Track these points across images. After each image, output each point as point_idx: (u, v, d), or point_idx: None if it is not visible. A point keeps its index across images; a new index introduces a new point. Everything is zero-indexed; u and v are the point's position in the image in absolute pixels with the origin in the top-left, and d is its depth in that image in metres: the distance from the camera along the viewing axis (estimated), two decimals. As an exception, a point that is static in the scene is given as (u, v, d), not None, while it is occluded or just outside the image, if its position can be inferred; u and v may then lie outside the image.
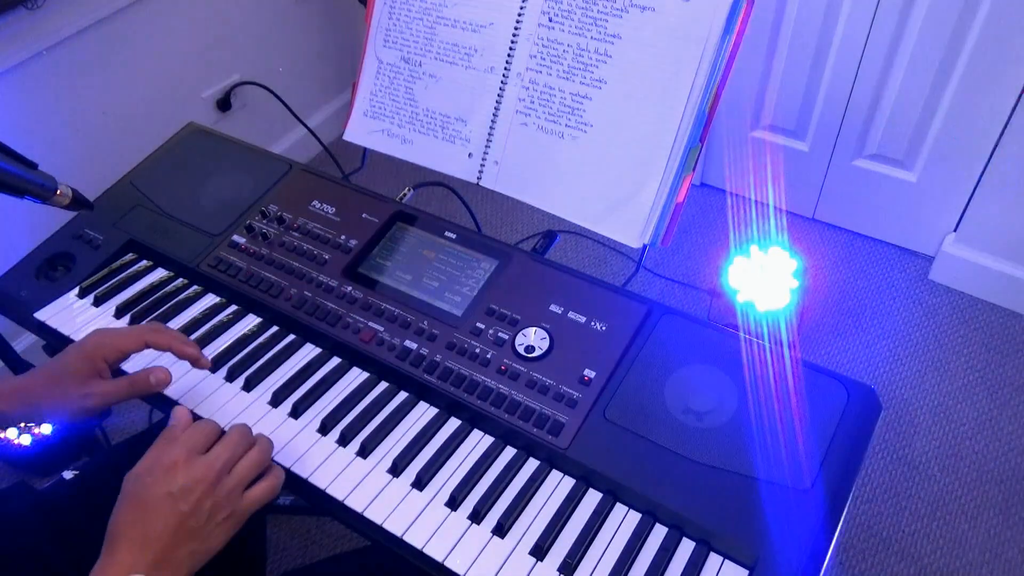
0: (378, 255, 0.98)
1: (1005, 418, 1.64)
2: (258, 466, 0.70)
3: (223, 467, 0.67)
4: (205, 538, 0.65)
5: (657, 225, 0.96)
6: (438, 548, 0.73)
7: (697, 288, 1.94)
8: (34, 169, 0.85)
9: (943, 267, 1.91)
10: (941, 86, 1.70)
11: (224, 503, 0.66)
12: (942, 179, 1.83)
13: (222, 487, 0.66)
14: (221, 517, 0.66)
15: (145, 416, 1.68)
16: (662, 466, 0.76)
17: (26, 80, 1.55)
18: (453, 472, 0.79)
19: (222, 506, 0.66)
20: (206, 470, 0.66)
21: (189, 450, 0.67)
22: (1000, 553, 1.44)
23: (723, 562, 0.71)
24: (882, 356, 1.77)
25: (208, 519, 0.65)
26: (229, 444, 0.69)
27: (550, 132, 1.01)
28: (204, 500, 0.65)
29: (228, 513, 0.66)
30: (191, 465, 0.66)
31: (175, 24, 1.84)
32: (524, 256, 0.95)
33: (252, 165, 1.12)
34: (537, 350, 0.86)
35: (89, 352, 0.78)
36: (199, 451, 0.68)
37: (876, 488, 1.55)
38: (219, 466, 0.67)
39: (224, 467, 0.67)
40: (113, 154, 1.44)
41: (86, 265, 1.03)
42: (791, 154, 2.01)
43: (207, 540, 0.65)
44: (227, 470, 0.68)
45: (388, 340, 0.90)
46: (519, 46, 1.02)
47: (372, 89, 1.13)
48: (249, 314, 0.97)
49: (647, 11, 0.93)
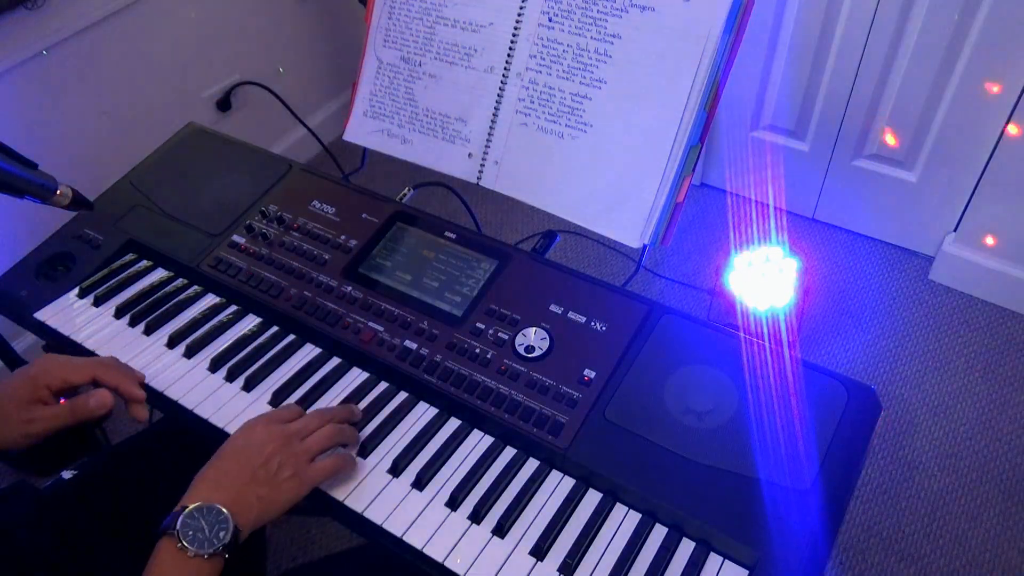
0: (378, 255, 0.98)
1: (1005, 418, 1.64)
2: (328, 440, 0.77)
3: (295, 434, 0.76)
4: (272, 488, 0.72)
5: (657, 225, 0.96)
6: (438, 548, 0.73)
7: (697, 288, 1.93)
8: (34, 169, 0.85)
9: (943, 267, 1.91)
10: (941, 86, 1.70)
11: (290, 462, 0.73)
12: (942, 179, 1.83)
13: (291, 448, 0.74)
14: (286, 475, 0.73)
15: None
16: (662, 466, 0.76)
17: (26, 80, 1.55)
18: (453, 472, 0.79)
19: (289, 464, 0.73)
20: (280, 432, 0.75)
21: (270, 419, 0.78)
22: (1000, 553, 1.44)
23: (723, 562, 0.71)
24: (882, 356, 1.77)
25: (276, 473, 0.72)
26: (306, 418, 0.78)
27: (550, 132, 1.01)
28: (274, 456, 0.73)
29: (292, 472, 0.73)
30: (269, 427, 0.76)
31: (175, 24, 1.84)
32: (524, 256, 0.95)
33: (252, 165, 1.12)
34: (537, 350, 0.86)
35: (33, 377, 0.79)
36: (281, 422, 0.77)
37: (876, 488, 1.55)
38: (291, 431, 0.76)
39: (296, 434, 0.76)
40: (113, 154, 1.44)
41: (86, 265, 1.03)
42: (791, 154, 2.01)
43: (274, 491, 0.72)
44: (299, 438, 0.76)
45: (388, 340, 0.90)
46: (519, 46, 1.02)
47: (372, 89, 1.13)
48: (249, 314, 0.97)
49: (647, 11, 0.93)
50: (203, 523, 0.67)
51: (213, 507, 0.68)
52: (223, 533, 0.67)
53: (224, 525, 0.67)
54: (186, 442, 0.93)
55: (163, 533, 0.67)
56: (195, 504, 0.68)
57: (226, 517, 0.68)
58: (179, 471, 0.75)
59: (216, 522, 0.67)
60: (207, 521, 0.67)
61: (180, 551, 0.66)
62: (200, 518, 0.67)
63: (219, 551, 0.66)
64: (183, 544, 0.66)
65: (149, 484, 0.91)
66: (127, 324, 0.96)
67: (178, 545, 0.66)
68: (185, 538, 0.66)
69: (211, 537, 0.67)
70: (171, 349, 0.93)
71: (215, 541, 0.67)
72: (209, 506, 0.68)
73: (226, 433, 0.84)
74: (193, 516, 0.67)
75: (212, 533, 0.67)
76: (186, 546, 0.66)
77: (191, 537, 0.66)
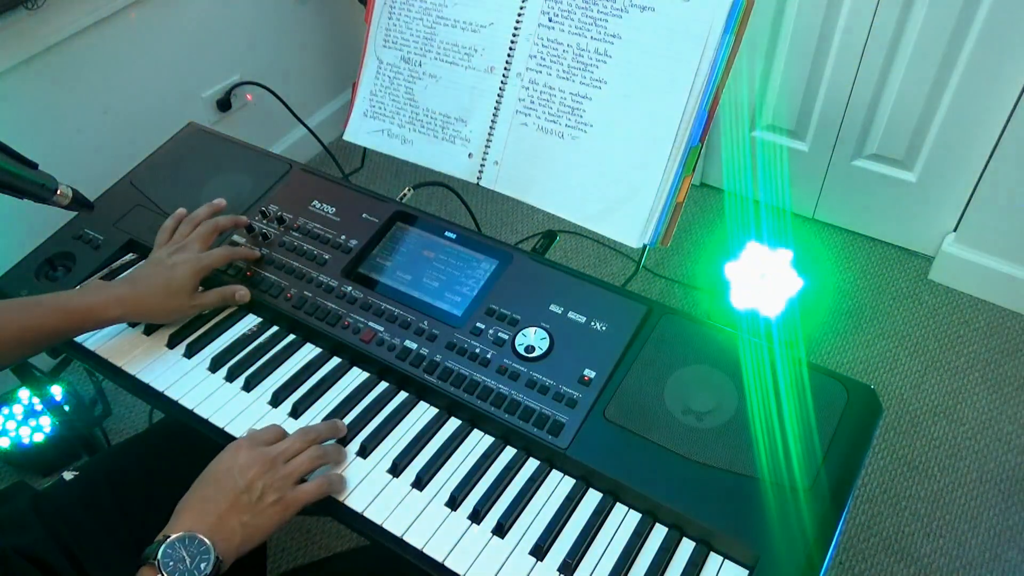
0: (378, 255, 0.98)
1: (1005, 418, 1.64)
2: (312, 462, 0.77)
3: (278, 457, 0.75)
4: (256, 515, 0.71)
5: (657, 225, 0.96)
6: (438, 548, 0.73)
7: (697, 288, 1.94)
8: (34, 169, 0.85)
9: (943, 267, 1.91)
10: (941, 86, 1.70)
11: (274, 487, 0.73)
12: (942, 179, 1.83)
13: (275, 472, 0.74)
14: (270, 500, 0.72)
15: (145, 416, 1.68)
16: (662, 466, 0.76)
17: (26, 80, 1.55)
18: (453, 472, 0.79)
19: (272, 489, 0.73)
20: (263, 456, 0.74)
21: (253, 442, 0.77)
22: (1000, 553, 1.44)
23: (723, 562, 0.71)
24: (882, 356, 1.77)
25: (259, 499, 0.72)
26: (289, 440, 0.78)
27: (550, 132, 1.01)
28: (257, 481, 0.72)
29: (277, 498, 0.73)
30: (252, 451, 0.75)
31: (175, 24, 1.84)
32: (524, 256, 0.95)
33: (252, 165, 1.12)
34: (537, 350, 0.86)
35: (196, 272, 0.92)
36: (263, 444, 0.77)
37: (876, 488, 1.55)
38: (274, 454, 0.75)
39: (279, 457, 0.75)
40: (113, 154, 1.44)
41: (86, 265, 1.03)
42: (791, 154, 2.01)
43: (257, 517, 0.71)
44: (283, 460, 0.75)
45: (388, 340, 0.90)
46: (519, 46, 1.02)
47: (372, 89, 1.13)
48: (249, 314, 0.97)
49: (647, 11, 0.93)
50: (184, 554, 0.66)
51: (195, 537, 0.67)
52: (204, 564, 0.66)
53: (206, 556, 0.66)
54: (186, 442, 0.93)
55: (144, 562, 0.66)
56: (177, 534, 0.67)
57: (208, 547, 0.67)
58: (179, 471, 0.75)
59: (197, 552, 0.66)
60: (188, 552, 0.66)
61: None
62: (181, 548, 0.66)
63: None
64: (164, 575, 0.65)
65: (149, 484, 0.91)
66: (127, 324, 0.96)
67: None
68: (166, 569, 0.65)
69: (192, 568, 0.66)
70: (171, 349, 0.93)
71: (195, 573, 0.65)
72: (191, 536, 0.67)
73: (226, 433, 0.84)
74: (174, 546, 0.66)
75: (193, 564, 0.66)
76: None
77: (171, 568, 0.65)
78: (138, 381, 0.90)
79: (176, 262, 0.91)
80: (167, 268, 0.91)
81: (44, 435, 1.54)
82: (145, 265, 0.94)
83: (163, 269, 0.91)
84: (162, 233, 0.98)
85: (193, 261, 0.92)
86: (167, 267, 0.91)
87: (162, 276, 0.90)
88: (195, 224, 0.98)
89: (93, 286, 0.91)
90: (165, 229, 0.98)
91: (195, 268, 0.92)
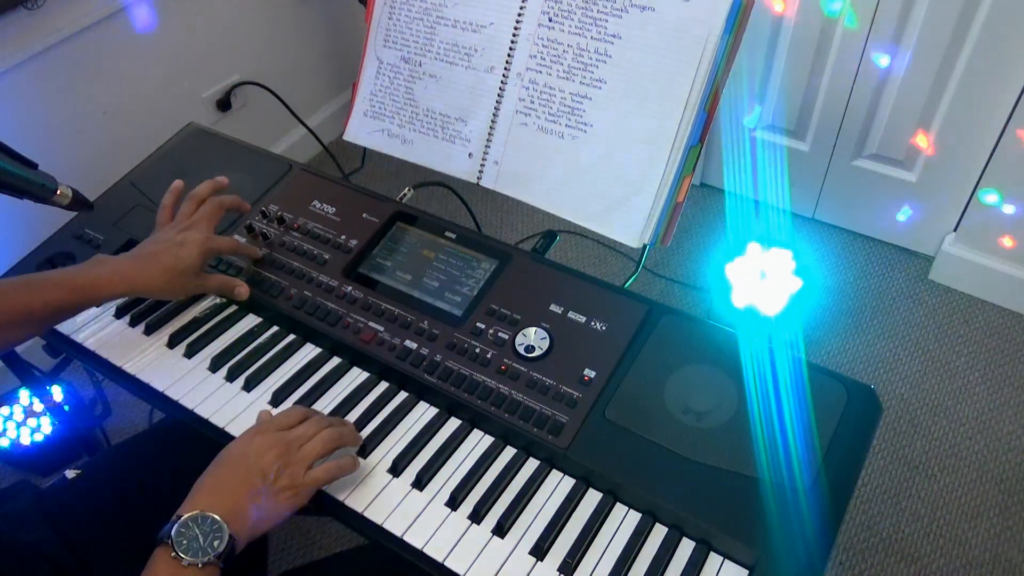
0: (378, 255, 0.98)
1: (1005, 418, 1.64)
2: (325, 446, 0.76)
3: (293, 441, 0.75)
4: (270, 497, 0.72)
5: (657, 225, 0.96)
6: (438, 548, 0.73)
7: (697, 288, 1.94)
8: (34, 169, 0.85)
9: (943, 267, 1.91)
10: (941, 86, 1.70)
11: (288, 470, 0.73)
12: (942, 179, 1.83)
13: (289, 456, 0.74)
14: (282, 484, 0.73)
15: (145, 416, 1.68)
16: (662, 466, 0.76)
17: (26, 80, 1.55)
18: (453, 472, 0.79)
19: (286, 472, 0.73)
20: (277, 440, 0.75)
21: (269, 426, 0.77)
22: (1000, 553, 1.44)
23: (723, 562, 0.71)
24: (882, 356, 1.77)
25: (272, 483, 0.72)
26: (305, 424, 0.78)
27: (550, 132, 1.01)
28: (270, 466, 0.73)
29: (288, 483, 0.73)
30: (266, 435, 0.75)
31: (175, 24, 1.84)
32: (524, 256, 0.95)
33: (252, 165, 1.12)
34: (537, 350, 0.86)
35: (204, 253, 0.91)
36: (279, 428, 0.77)
37: (876, 488, 1.55)
38: (289, 439, 0.75)
39: (294, 442, 0.75)
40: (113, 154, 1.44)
41: (86, 265, 1.03)
42: (791, 154, 2.01)
43: (272, 499, 0.72)
44: (297, 445, 0.75)
45: (388, 340, 0.90)
46: (519, 46, 1.02)
47: (372, 89, 1.13)
48: (249, 314, 0.97)
49: (647, 11, 0.93)
50: (197, 532, 0.67)
51: (208, 516, 0.68)
52: (217, 542, 0.67)
53: (219, 534, 0.67)
54: (186, 442, 0.93)
55: (159, 542, 0.67)
56: (190, 513, 0.68)
57: (221, 526, 0.67)
58: (179, 471, 0.75)
59: (211, 531, 0.67)
60: (201, 530, 0.67)
61: (174, 560, 0.66)
62: (195, 527, 0.67)
63: (213, 560, 0.66)
64: (177, 553, 0.66)
65: (150, 484, 0.92)
66: (127, 324, 0.96)
67: (172, 554, 0.66)
68: (179, 547, 0.66)
69: (205, 546, 0.66)
70: (171, 349, 0.93)
71: (209, 550, 0.66)
72: (204, 515, 0.68)
73: (226, 433, 0.84)
74: (188, 525, 0.67)
75: (206, 542, 0.66)
76: (180, 555, 0.66)
77: (185, 546, 0.66)
78: (138, 381, 0.90)
79: (185, 240, 0.90)
80: (176, 246, 0.90)
81: (44, 435, 1.54)
82: (151, 242, 0.92)
83: (172, 247, 0.90)
84: (162, 211, 0.97)
85: (202, 241, 0.91)
86: (176, 244, 0.90)
87: (170, 254, 0.89)
88: (198, 201, 0.97)
89: (97, 260, 0.89)
90: (165, 206, 0.97)
91: (204, 249, 0.91)
